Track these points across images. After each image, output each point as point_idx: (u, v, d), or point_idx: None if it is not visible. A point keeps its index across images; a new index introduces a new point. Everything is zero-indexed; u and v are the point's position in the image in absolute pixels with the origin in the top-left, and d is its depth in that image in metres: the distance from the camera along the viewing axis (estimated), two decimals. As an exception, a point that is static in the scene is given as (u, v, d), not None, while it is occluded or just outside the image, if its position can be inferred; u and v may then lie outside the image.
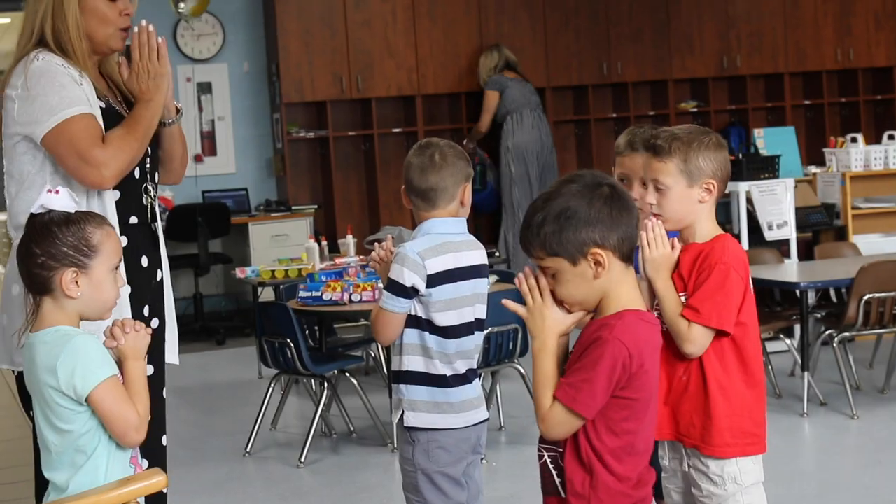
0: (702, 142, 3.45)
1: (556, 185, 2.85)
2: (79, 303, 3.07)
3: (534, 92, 11.16)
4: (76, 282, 3.05)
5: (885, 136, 9.54)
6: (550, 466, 2.88)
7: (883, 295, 6.87)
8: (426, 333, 3.85)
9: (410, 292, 3.79)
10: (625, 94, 12.39)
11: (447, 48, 11.73)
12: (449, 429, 3.86)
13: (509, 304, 2.90)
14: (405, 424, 3.87)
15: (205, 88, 11.69)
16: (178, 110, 4.03)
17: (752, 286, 3.48)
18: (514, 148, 10.89)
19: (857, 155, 9.15)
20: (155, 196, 3.97)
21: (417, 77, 11.69)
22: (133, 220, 3.88)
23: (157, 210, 4.00)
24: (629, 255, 2.83)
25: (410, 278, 3.78)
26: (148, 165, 3.93)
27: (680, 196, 3.42)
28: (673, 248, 3.43)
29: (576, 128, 12.46)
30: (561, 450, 2.84)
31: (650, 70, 12.39)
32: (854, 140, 9.30)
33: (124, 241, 3.81)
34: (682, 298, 3.40)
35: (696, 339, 3.35)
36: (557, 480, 2.86)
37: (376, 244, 4.01)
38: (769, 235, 8.28)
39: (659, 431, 3.45)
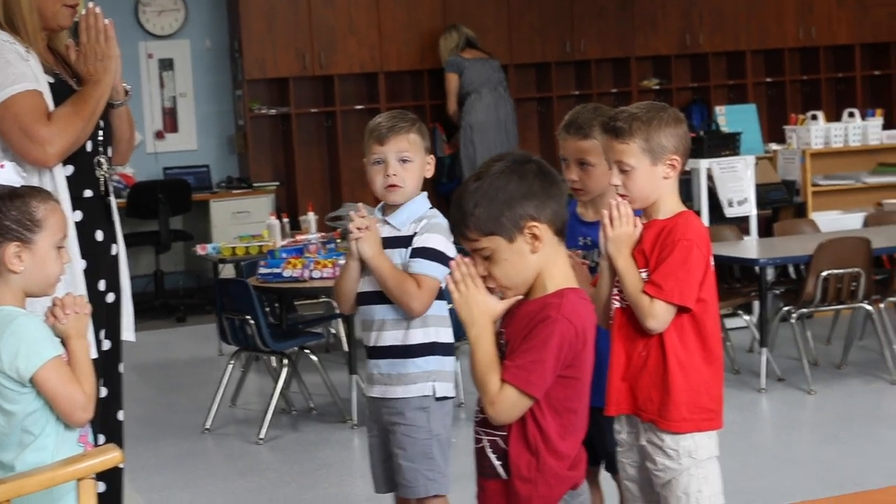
0: (661, 119, 3.43)
1: (483, 167, 2.84)
2: (22, 278, 3.05)
3: (497, 69, 11.16)
4: (19, 256, 3.04)
5: (845, 114, 9.59)
6: (489, 451, 2.87)
7: (841, 271, 6.91)
8: (444, 303, 3.87)
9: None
10: (587, 72, 12.38)
11: (410, 25, 11.70)
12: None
13: (449, 283, 2.86)
14: (437, 395, 3.88)
15: (166, 65, 11.61)
16: (126, 92, 4.02)
17: (712, 263, 3.49)
18: (474, 126, 10.92)
19: (817, 132, 9.20)
20: (108, 169, 3.95)
21: (380, 54, 11.65)
22: (88, 193, 3.87)
23: (111, 183, 3.99)
24: (562, 229, 2.84)
25: (452, 248, 3.80)
26: (100, 138, 3.91)
27: (645, 175, 3.40)
28: (635, 226, 3.44)
29: (538, 105, 12.46)
30: (504, 433, 2.83)
31: (613, 47, 12.39)
32: (814, 117, 9.35)
33: (79, 215, 3.81)
34: (643, 275, 3.40)
35: (659, 315, 3.35)
36: (498, 464, 2.85)
37: (352, 213, 3.92)
38: (729, 212, 8.31)
39: (616, 406, 3.47)
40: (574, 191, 3.90)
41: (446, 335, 3.94)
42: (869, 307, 7.18)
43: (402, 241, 3.89)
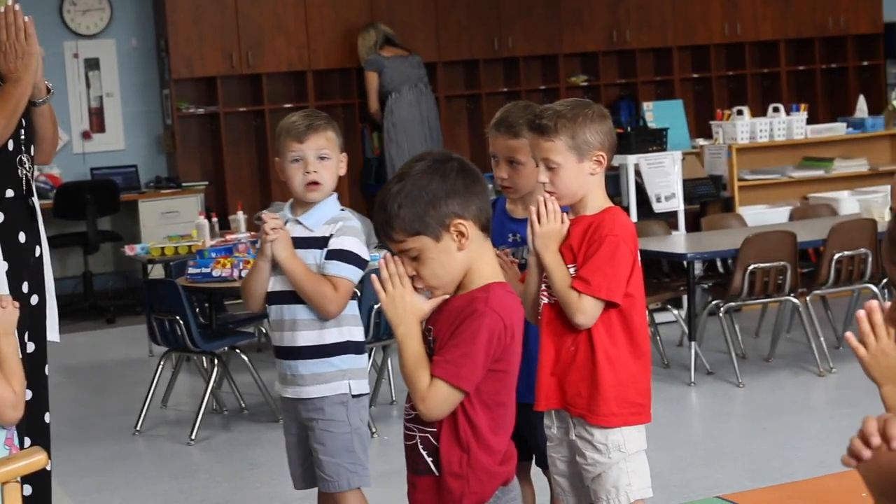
0: (586, 116, 3.46)
1: (405, 167, 2.83)
2: None
3: (417, 65, 11.14)
4: None
5: (770, 109, 9.69)
6: (421, 447, 2.86)
7: (767, 265, 6.98)
8: (355, 303, 3.94)
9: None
10: (516, 69, 12.41)
11: (337, 23, 11.66)
12: None
13: (375, 282, 2.85)
14: (353, 393, 3.90)
15: (92, 64, 11.50)
16: (48, 90, 3.98)
17: (639, 258, 3.52)
18: (397, 124, 10.92)
19: (742, 127, 9.28)
20: (30, 168, 3.92)
21: (308, 52, 11.61)
22: (9, 192, 3.83)
23: (33, 183, 3.95)
24: (487, 225, 2.84)
25: (366, 251, 3.88)
26: (22, 137, 3.88)
27: (571, 172, 3.42)
28: (563, 222, 3.45)
29: (467, 102, 12.47)
30: (435, 429, 2.83)
31: (541, 44, 12.42)
32: (740, 112, 9.42)
33: (0, 217, 3.76)
34: (571, 270, 3.42)
35: (587, 310, 3.38)
36: (430, 460, 2.85)
37: (263, 216, 3.92)
38: (657, 207, 8.37)
39: (546, 401, 3.49)
40: (504, 188, 3.92)
41: (359, 334, 3.99)
42: (795, 300, 7.26)
43: (315, 242, 3.90)
